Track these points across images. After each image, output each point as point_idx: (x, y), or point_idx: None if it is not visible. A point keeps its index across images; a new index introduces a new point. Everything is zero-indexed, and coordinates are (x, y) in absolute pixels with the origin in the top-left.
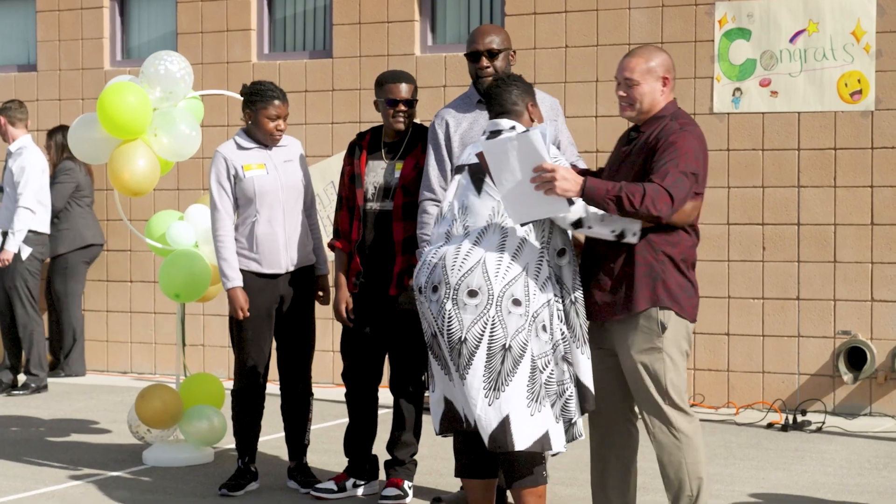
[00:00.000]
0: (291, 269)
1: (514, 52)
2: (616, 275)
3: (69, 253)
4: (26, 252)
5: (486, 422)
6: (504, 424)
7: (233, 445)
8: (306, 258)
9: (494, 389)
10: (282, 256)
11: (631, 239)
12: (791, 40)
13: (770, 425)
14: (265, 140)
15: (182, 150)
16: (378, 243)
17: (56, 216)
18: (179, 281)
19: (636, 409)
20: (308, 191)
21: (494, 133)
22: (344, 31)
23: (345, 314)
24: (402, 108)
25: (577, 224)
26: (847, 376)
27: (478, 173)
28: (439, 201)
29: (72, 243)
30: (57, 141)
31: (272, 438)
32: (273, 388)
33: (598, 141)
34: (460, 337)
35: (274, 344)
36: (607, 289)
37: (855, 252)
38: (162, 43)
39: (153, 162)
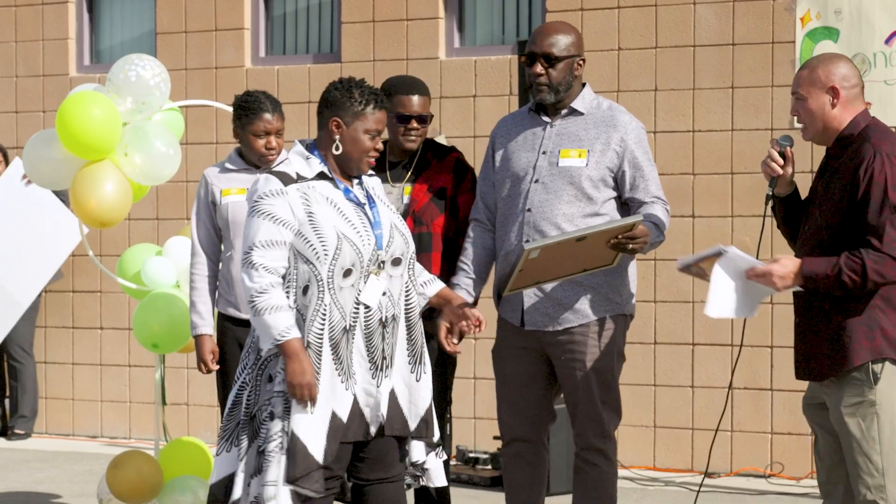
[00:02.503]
0: None
1: (584, 60)
2: (831, 325)
3: None
4: None
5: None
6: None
7: None
8: None
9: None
10: None
11: None
12: (887, 41)
13: None
14: (256, 161)
15: (158, 172)
16: None
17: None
18: (158, 328)
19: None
20: None
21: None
22: (354, 30)
23: None
24: (415, 125)
25: None
26: None
27: None
28: (483, 222)
29: None
30: None
31: None
32: None
33: (658, 161)
34: None
35: None
36: (821, 343)
37: None
38: (138, 44)
39: (124, 186)
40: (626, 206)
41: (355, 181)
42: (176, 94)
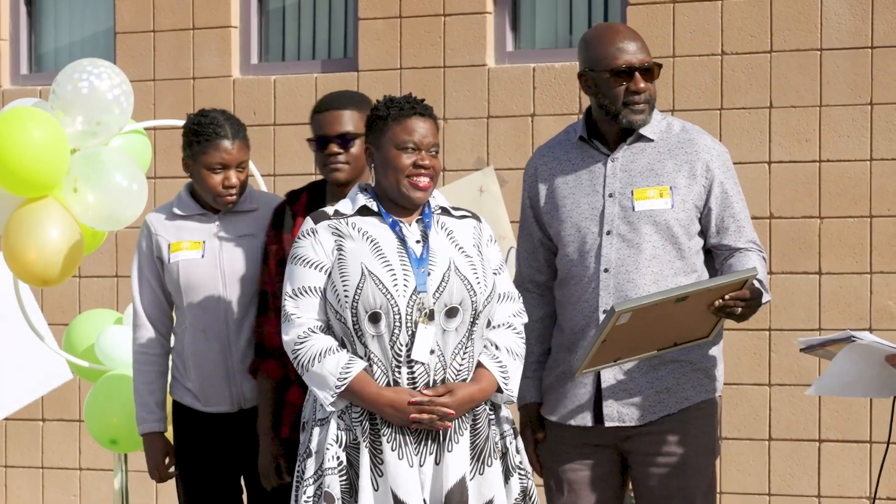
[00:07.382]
0: (246, 406)
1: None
2: None
3: None
4: None
5: None
6: None
7: None
8: None
9: None
10: (225, 387)
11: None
12: None
13: None
14: (211, 201)
15: (117, 214)
16: None
17: None
18: (117, 419)
19: None
20: None
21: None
22: (375, 29)
23: (275, 475)
24: (335, 149)
25: None
26: None
27: None
28: (532, 291)
29: None
30: None
31: None
32: None
33: (773, 200)
34: None
35: None
36: None
37: None
38: (92, 47)
39: (73, 232)
40: (709, 254)
41: (416, 218)
42: (141, 113)
